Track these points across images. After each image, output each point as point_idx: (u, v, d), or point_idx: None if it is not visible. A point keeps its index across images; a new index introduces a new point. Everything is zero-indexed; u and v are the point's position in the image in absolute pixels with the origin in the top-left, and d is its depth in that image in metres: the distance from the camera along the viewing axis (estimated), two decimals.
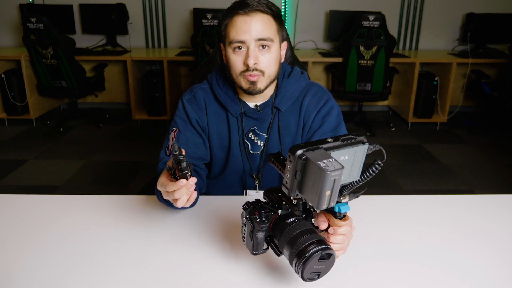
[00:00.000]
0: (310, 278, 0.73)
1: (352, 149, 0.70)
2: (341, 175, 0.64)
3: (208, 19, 3.57)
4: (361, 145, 0.70)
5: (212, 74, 1.24)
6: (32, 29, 3.43)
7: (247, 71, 1.08)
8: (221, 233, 1.02)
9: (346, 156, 0.69)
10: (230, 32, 1.08)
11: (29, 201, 1.16)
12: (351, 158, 0.70)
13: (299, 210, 0.79)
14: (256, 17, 1.06)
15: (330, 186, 0.64)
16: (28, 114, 3.96)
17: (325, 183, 0.63)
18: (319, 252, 0.70)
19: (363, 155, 0.72)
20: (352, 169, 0.71)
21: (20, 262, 0.90)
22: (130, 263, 0.90)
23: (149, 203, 1.15)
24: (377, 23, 3.46)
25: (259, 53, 1.08)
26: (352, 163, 0.71)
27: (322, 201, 0.66)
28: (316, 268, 0.72)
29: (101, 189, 2.76)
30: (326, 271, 0.74)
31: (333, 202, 0.67)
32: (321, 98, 1.21)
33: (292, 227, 0.76)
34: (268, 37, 1.07)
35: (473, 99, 4.33)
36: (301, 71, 1.25)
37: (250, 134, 1.21)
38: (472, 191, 2.82)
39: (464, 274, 0.87)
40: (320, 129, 1.18)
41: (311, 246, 0.71)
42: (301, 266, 0.70)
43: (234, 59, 1.10)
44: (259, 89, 1.11)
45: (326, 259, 0.72)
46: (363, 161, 0.72)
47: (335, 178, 0.63)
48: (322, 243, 0.72)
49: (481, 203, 1.18)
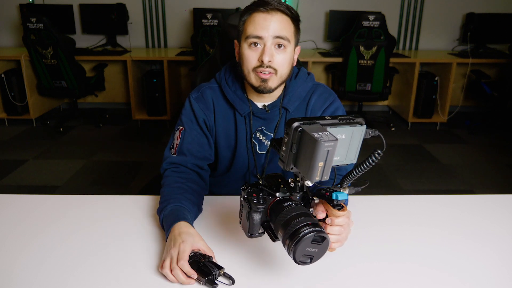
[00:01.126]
0: (303, 261, 0.73)
1: (349, 129, 0.71)
2: (335, 147, 0.65)
3: (208, 19, 3.57)
4: (359, 126, 0.71)
5: (221, 73, 1.23)
6: (32, 29, 3.43)
7: (260, 67, 1.08)
8: (222, 233, 1.02)
9: (343, 135, 0.70)
10: (248, 28, 1.08)
11: (29, 201, 1.16)
12: (348, 138, 0.71)
13: (297, 196, 0.79)
14: (276, 16, 1.07)
15: (323, 157, 0.65)
16: (28, 114, 3.96)
17: (318, 153, 0.64)
18: (312, 234, 0.70)
19: (361, 137, 0.72)
20: (349, 151, 0.72)
21: (20, 262, 0.90)
22: (130, 263, 0.90)
23: (149, 203, 1.15)
24: (377, 23, 3.46)
25: (274, 51, 1.08)
26: (349, 143, 0.71)
27: (314, 172, 0.66)
28: (308, 251, 0.72)
29: (101, 189, 2.76)
30: (319, 256, 0.74)
31: (326, 176, 0.68)
32: (327, 99, 1.22)
33: (288, 210, 0.76)
34: (285, 36, 1.07)
35: (473, 99, 4.33)
36: (308, 72, 1.26)
37: (257, 134, 1.22)
38: (472, 191, 2.82)
39: (464, 274, 0.87)
40: None
41: (304, 227, 0.71)
42: (293, 247, 0.71)
43: (249, 54, 1.09)
44: (270, 87, 1.11)
45: (319, 242, 0.72)
46: (360, 144, 0.73)
47: (328, 149, 0.64)
48: (316, 226, 0.72)
49: (481, 203, 1.18)
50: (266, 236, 1.00)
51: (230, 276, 0.84)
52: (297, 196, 0.80)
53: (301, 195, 0.80)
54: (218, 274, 0.83)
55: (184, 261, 0.83)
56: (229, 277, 0.84)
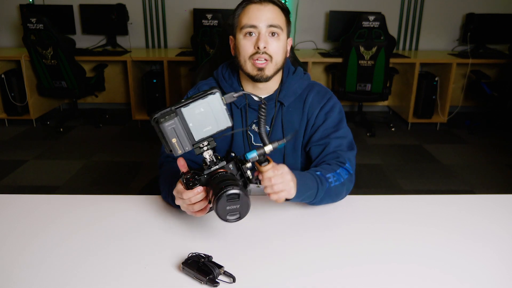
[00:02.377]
0: (232, 219, 0.82)
1: (204, 101, 0.82)
2: (176, 123, 0.79)
3: (208, 19, 3.57)
4: (211, 95, 0.82)
5: (218, 70, 1.29)
6: (32, 29, 3.43)
7: (257, 54, 1.12)
8: (222, 231, 1.02)
9: (202, 109, 0.82)
10: (243, 19, 1.15)
11: (29, 201, 1.16)
12: (208, 109, 0.83)
13: (230, 166, 0.89)
14: (268, 7, 1.14)
15: (173, 134, 0.80)
16: (28, 114, 3.96)
17: (166, 134, 0.80)
18: (223, 195, 0.80)
19: (220, 103, 0.83)
20: (217, 118, 0.83)
21: (20, 262, 0.90)
22: (130, 263, 0.90)
23: (149, 203, 1.15)
24: (377, 24, 3.46)
25: (269, 39, 1.13)
26: (212, 112, 0.83)
27: (174, 148, 0.81)
28: (230, 209, 0.81)
29: (101, 189, 2.76)
30: (245, 210, 0.83)
31: (187, 147, 0.82)
32: (324, 96, 1.25)
33: (213, 180, 0.86)
34: (278, 25, 1.13)
35: (473, 99, 4.33)
36: (304, 72, 1.30)
37: (253, 126, 1.24)
38: (472, 191, 2.82)
39: (464, 274, 0.87)
40: (323, 125, 1.22)
41: (218, 191, 0.81)
42: (215, 210, 0.81)
43: (244, 44, 1.14)
44: (267, 75, 1.15)
45: (236, 199, 0.81)
46: (224, 109, 0.84)
47: (172, 127, 0.79)
48: (228, 185, 0.81)
49: (481, 203, 1.18)
50: (266, 235, 1.00)
51: (230, 274, 0.84)
52: (230, 166, 0.90)
53: (231, 165, 0.90)
54: (219, 273, 0.83)
55: (185, 193, 0.89)
56: (229, 275, 0.84)
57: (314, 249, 0.95)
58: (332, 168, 1.13)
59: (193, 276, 0.83)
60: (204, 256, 0.86)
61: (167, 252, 0.93)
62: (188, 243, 0.96)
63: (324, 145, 1.19)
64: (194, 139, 0.83)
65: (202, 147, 0.86)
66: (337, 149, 1.18)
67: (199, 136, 0.84)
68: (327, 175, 1.09)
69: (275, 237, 1.00)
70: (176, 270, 0.87)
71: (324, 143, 1.19)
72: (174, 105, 0.82)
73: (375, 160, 3.31)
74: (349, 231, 1.03)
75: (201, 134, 0.84)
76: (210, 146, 0.87)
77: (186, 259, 0.86)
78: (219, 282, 0.82)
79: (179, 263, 0.88)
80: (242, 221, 1.05)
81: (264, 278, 0.85)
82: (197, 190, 0.88)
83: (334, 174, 1.11)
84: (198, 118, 0.82)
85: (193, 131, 0.83)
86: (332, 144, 1.18)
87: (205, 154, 0.87)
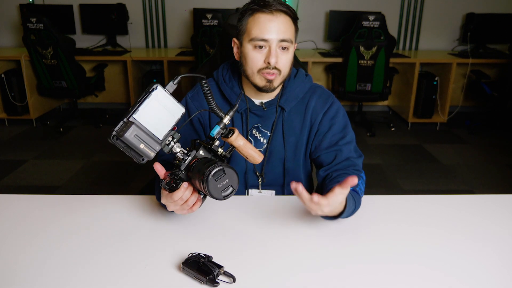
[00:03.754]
0: (227, 194, 0.84)
1: (149, 100, 0.82)
2: (135, 130, 0.79)
3: (208, 19, 3.57)
4: (154, 91, 0.82)
5: (218, 71, 1.25)
6: (32, 29, 3.43)
7: (267, 69, 1.10)
8: (222, 231, 1.02)
9: (151, 107, 0.82)
10: (253, 29, 1.09)
11: (29, 201, 1.16)
12: (159, 106, 0.83)
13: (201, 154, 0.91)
14: (280, 18, 1.08)
15: (138, 141, 0.79)
16: (28, 114, 3.96)
17: (132, 143, 0.79)
18: (209, 176, 0.81)
19: (165, 95, 0.84)
20: (168, 110, 0.84)
21: (20, 262, 0.90)
22: (130, 263, 0.90)
23: (149, 203, 1.15)
24: (377, 23, 3.46)
25: (279, 53, 1.10)
26: (164, 106, 0.83)
27: (146, 154, 0.81)
28: (222, 186, 0.83)
29: (101, 189, 2.76)
30: (235, 180, 0.85)
31: (156, 147, 0.81)
32: (327, 100, 1.23)
33: (193, 168, 0.87)
34: (289, 39, 1.09)
35: (473, 99, 4.33)
36: (306, 73, 1.27)
37: (253, 131, 1.23)
38: (472, 191, 2.82)
39: (464, 274, 0.87)
40: (330, 131, 1.21)
41: (202, 175, 0.82)
42: (208, 192, 0.83)
43: (254, 56, 1.10)
44: (274, 87, 1.14)
45: (222, 175, 0.83)
46: (171, 98, 0.84)
47: (134, 134, 0.79)
48: (208, 168, 0.82)
49: (481, 203, 1.18)
50: (266, 235, 1.00)
51: (230, 274, 0.84)
52: (201, 152, 0.91)
53: (202, 151, 0.91)
54: (219, 273, 0.83)
55: (174, 195, 0.90)
56: (229, 275, 0.84)
57: (314, 249, 0.95)
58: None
59: (193, 276, 0.83)
60: (204, 256, 0.86)
61: (167, 252, 0.93)
62: (188, 243, 0.96)
63: (335, 152, 1.19)
64: (158, 138, 0.83)
65: (168, 143, 0.87)
66: (349, 156, 1.18)
67: (162, 132, 0.84)
68: (357, 188, 1.10)
69: (275, 237, 1.00)
70: (176, 270, 0.87)
71: (335, 150, 1.19)
72: (125, 117, 0.82)
73: (375, 160, 3.31)
74: (349, 231, 1.03)
75: (163, 130, 0.84)
76: (176, 138, 0.87)
77: (186, 259, 0.86)
78: (219, 282, 0.82)
79: (179, 263, 0.88)
80: (242, 221, 1.06)
81: (264, 278, 0.85)
82: (183, 186, 0.89)
83: (360, 183, 1.12)
84: (152, 117, 0.82)
85: (154, 131, 0.82)
86: (344, 151, 1.18)
87: (174, 148, 0.87)
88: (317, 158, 1.22)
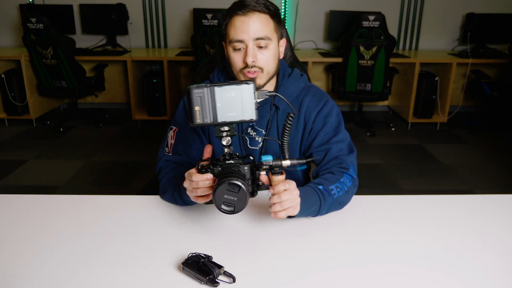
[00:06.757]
0: (226, 209, 0.84)
1: (237, 87, 0.84)
2: (205, 93, 0.82)
3: (208, 19, 3.57)
4: (245, 84, 0.84)
5: (214, 73, 1.29)
6: (32, 29, 3.43)
7: (246, 68, 1.13)
8: (222, 231, 1.02)
9: (233, 94, 0.84)
10: (230, 32, 1.13)
11: (29, 201, 1.16)
12: (238, 95, 0.84)
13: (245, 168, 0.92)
14: (253, 17, 1.10)
15: (198, 102, 0.83)
16: (28, 114, 3.96)
17: (192, 98, 0.82)
18: (225, 180, 0.83)
19: (251, 94, 0.85)
20: (243, 107, 0.85)
21: (20, 262, 0.90)
22: (130, 263, 0.90)
23: (149, 203, 1.15)
24: (377, 23, 3.46)
25: (257, 51, 1.12)
26: (241, 100, 0.85)
27: (194, 116, 0.84)
28: (227, 199, 0.83)
29: (101, 189, 2.76)
30: (240, 205, 0.84)
31: (206, 119, 0.84)
32: (321, 99, 1.24)
33: (220, 175, 0.89)
34: (265, 36, 1.11)
35: (473, 99, 4.33)
36: (301, 73, 1.28)
37: (248, 129, 1.24)
38: (472, 191, 2.82)
39: (464, 274, 0.87)
40: (323, 129, 1.21)
41: (222, 179, 0.84)
42: (212, 195, 0.84)
43: (234, 57, 1.14)
44: (259, 84, 1.16)
45: (236, 192, 0.83)
46: (254, 102, 0.85)
47: (199, 95, 0.83)
48: (233, 177, 0.83)
49: (481, 203, 1.18)
50: (266, 235, 1.00)
51: (230, 274, 0.84)
52: (245, 168, 0.91)
53: (247, 167, 0.92)
54: (219, 273, 0.83)
55: (195, 175, 0.92)
56: (229, 275, 0.84)
57: (314, 249, 0.95)
58: (335, 178, 1.11)
59: (193, 276, 0.83)
60: (204, 256, 0.86)
61: (167, 252, 0.93)
62: (188, 243, 0.96)
63: (325, 151, 1.19)
64: (217, 119, 0.85)
65: (222, 131, 0.88)
66: (339, 154, 1.18)
67: (223, 118, 0.85)
68: (330, 187, 1.08)
69: (275, 237, 1.00)
70: (176, 270, 0.87)
71: (325, 149, 1.19)
72: (211, 84, 0.84)
73: (375, 160, 3.31)
74: (349, 231, 1.03)
75: (225, 117, 0.85)
76: (230, 133, 0.88)
77: (186, 259, 0.86)
78: (219, 282, 0.82)
79: (179, 263, 0.88)
80: (242, 221, 1.06)
81: (264, 278, 0.85)
82: (206, 176, 0.91)
83: (338, 184, 1.10)
84: (227, 101, 0.84)
85: (218, 111, 0.84)
86: (333, 149, 1.18)
87: (223, 140, 0.89)
88: (310, 157, 1.23)
